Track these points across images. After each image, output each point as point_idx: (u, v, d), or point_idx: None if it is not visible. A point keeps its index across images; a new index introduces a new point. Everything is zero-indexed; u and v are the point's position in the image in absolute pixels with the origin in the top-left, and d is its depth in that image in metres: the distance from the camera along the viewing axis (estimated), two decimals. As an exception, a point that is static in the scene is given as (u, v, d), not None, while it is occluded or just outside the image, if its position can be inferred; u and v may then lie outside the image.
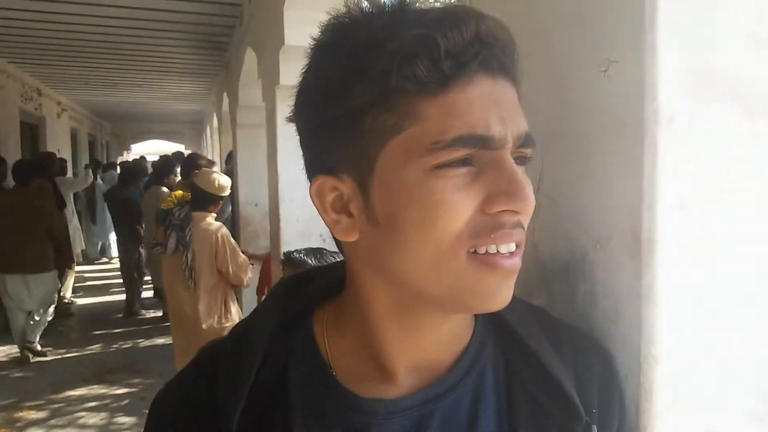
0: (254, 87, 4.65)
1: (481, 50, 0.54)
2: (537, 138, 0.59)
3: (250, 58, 4.59)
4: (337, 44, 0.58)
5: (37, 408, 4.70)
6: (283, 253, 2.39)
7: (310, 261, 2.11)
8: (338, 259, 0.70)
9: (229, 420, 0.61)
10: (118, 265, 8.24)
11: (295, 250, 2.25)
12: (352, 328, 0.65)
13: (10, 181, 6.12)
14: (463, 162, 0.54)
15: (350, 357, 0.64)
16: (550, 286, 0.82)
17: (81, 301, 8.33)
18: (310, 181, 0.61)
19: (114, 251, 10.40)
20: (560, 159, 0.80)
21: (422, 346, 0.63)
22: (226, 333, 0.72)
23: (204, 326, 4.06)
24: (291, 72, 3.14)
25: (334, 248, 1.79)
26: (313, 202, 0.61)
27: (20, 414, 4.60)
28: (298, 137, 0.64)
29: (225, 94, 7.13)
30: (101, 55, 6.88)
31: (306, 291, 0.70)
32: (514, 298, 0.59)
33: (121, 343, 6.41)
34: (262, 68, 4.01)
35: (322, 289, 0.70)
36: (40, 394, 4.98)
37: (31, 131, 9.02)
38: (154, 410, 0.69)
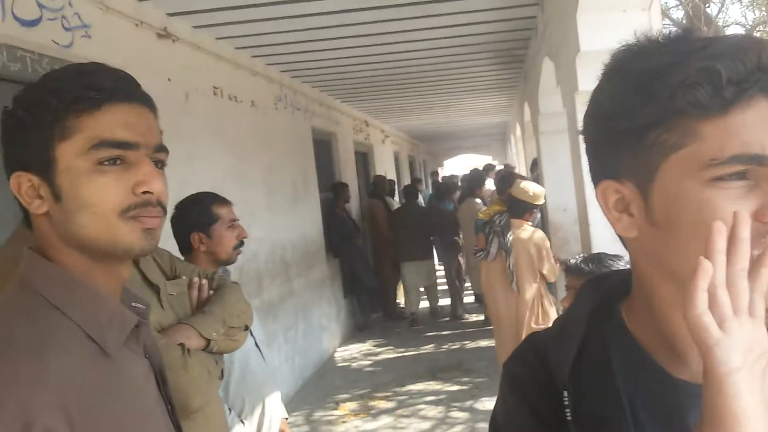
0: (554, 95, 4.74)
1: (762, 77, 0.61)
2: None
3: (547, 67, 4.70)
4: (627, 69, 0.68)
5: (386, 398, 5.42)
6: (563, 260, 2.54)
7: (585, 267, 2.22)
8: (617, 262, 0.81)
9: (563, 372, 0.75)
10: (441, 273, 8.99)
11: (574, 258, 2.38)
12: (644, 318, 0.75)
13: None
14: (739, 176, 0.62)
15: (648, 343, 0.74)
16: None
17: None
18: (595, 185, 0.73)
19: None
20: None
21: None
22: None
23: (524, 328, 4.27)
24: (589, 77, 3.17)
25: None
26: (598, 202, 0.73)
27: (373, 402, 5.36)
28: (585, 147, 0.76)
29: (526, 104, 7.33)
30: (414, 84, 7.65)
31: (605, 287, 0.82)
32: None
33: (450, 344, 6.97)
34: (559, 76, 4.08)
35: (617, 285, 0.81)
36: (386, 386, 5.73)
37: (363, 158, 10.37)
38: (507, 372, 0.86)
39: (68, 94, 0.88)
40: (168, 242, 2.14)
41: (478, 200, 7.55)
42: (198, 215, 2.26)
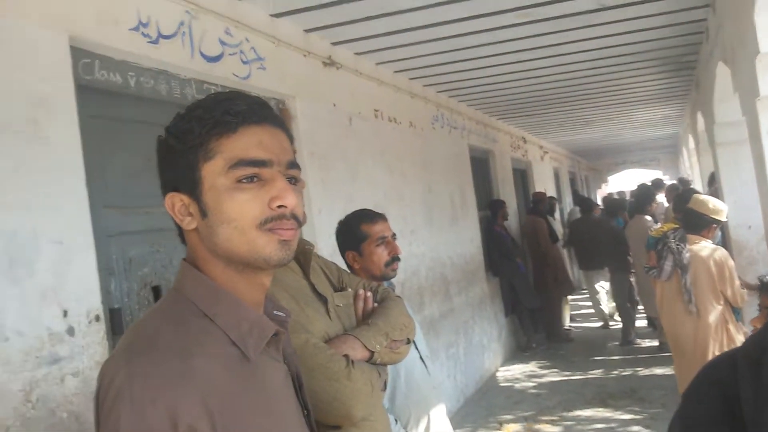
0: (730, 102, 4.38)
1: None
2: None
3: (722, 72, 4.34)
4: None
5: (552, 422, 5.22)
6: (758, 277, 2.27)
7: None
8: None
9: (756, 410, 0.66)
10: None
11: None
12: None
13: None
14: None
15: None
16: None
17: (579, 327, 8.92)
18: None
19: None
20: None
21: None
22: None
23: (708, 354, 3.89)
24: (771, 80, 2.91)
25: None
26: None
27: (538, 426, 5.19)
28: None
29: (699, 113, 6.80)
30: (572, 98, 7.43)
31: None
32: None
33: (620, 369, 6.57)
34: (736, 81, 3.76)
35: None
36: (552, 410, 5.53)
37: (521, 175, 10.21)
38: (678, 412, 0.79)
39: (209, 120, 0.97)
40: (337, 258, 2.27)
41: (648, 217, 7.10)
42: (348, 235, 2.37)
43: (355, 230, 2.36)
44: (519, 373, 6.91)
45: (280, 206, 0.96)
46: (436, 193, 5.86)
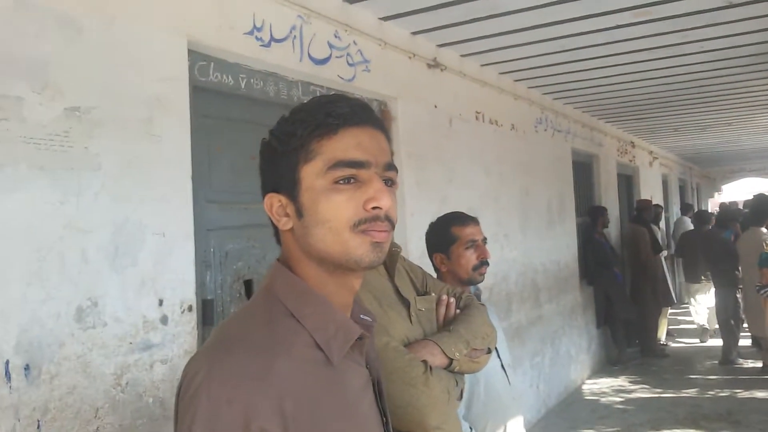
0: None
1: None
2: None
3: None
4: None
5: (637, 443, 5.03)
6: None
7: None
8: None
9: None
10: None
11: None
12: None
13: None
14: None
15: None
16: None
17: (675, 343, 8.50)
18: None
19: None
20: None
21: None
22: None
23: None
24: None
25: None
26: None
27: (623, 445, 5.02)
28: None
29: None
30: (690, 101, 7.01)
31: None
32: None
33: (717, 390, 6.23)
34: None
35: None
36: (639, 428, 5.31)
37: (627, 181, 9.79)
38: None
39: (311, 122, 0.97)
40: (425, 260, 2.28)
41: (765, 230, 6.62)
42: (437, 237, 2.34)
43: (444, 232, 2.33)
44: (606, 387, 6.68)
45: (374, 207, 0.95)
46: (534, 197, 5.74)
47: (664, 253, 8.73)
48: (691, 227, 9.29)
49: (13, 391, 1.78)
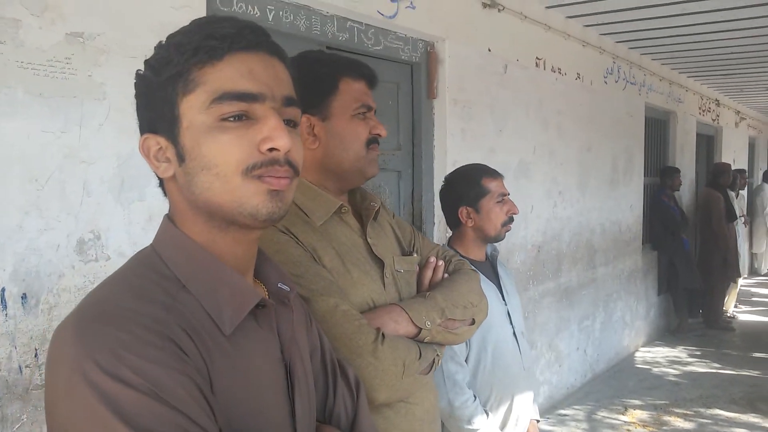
0: None
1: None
2: None
3: None
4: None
5: (685, 417, 4.80)
6: None
7: None
8: None
9: None
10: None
11: None
12: None
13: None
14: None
15: None
16: None
17: (744, 317, 8.04)
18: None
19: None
20: None
21: None
22: None
23: None
24: None
25: None
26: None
27: (668, 417, 4.79)
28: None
29: None
30: (785, 60, 6.40)
31: None
32: None
33: (783, 371, 5.87)
34: None
35: None
36: (689, 403, 5.07)
37: (707, 141, 9.16)
38: None
39: (190, 45, 0.81)
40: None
41: None
42: (466, 188, 2.18)
43: (475, 184, 2.17)
44: (661, 357, 6.39)
45: (271, 149, 0.81)
46: (597, 154, 5.41)
47: (740, 221, 8.18)
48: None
49: (9, 319, 1.78)
